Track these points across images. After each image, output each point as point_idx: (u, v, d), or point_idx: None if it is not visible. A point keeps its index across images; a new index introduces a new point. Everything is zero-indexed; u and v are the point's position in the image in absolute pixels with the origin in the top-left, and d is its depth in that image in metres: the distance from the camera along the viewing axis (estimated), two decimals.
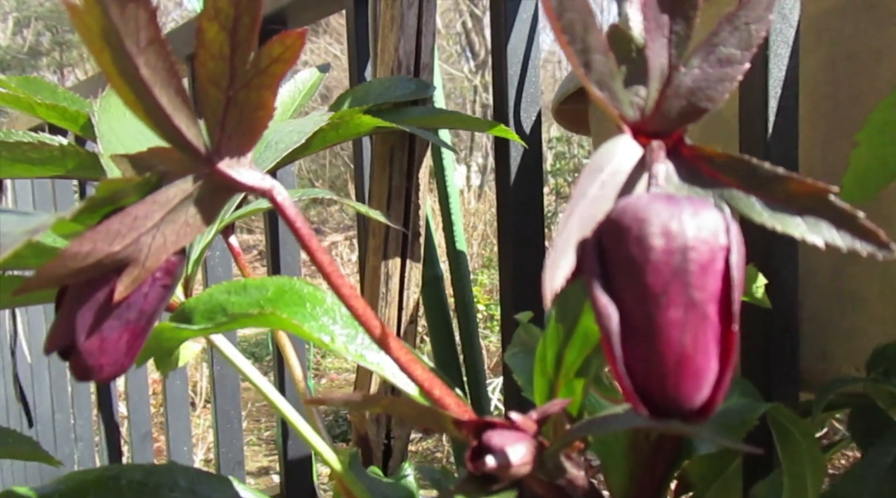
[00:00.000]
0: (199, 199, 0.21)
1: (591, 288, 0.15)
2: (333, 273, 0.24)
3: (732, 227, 0.15)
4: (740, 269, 0.15)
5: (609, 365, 0.15)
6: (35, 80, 0.43)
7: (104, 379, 0.21)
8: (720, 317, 0.15)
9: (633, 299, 0.15)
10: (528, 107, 0.51)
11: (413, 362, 0.24)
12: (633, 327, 0.15)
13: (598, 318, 0.15)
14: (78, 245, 0.19)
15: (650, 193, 0.16)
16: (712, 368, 0.15)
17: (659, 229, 0.15)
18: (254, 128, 0.22)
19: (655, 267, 0.15)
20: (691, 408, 0.15)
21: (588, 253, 0.16)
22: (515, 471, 0.20)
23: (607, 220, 0.16)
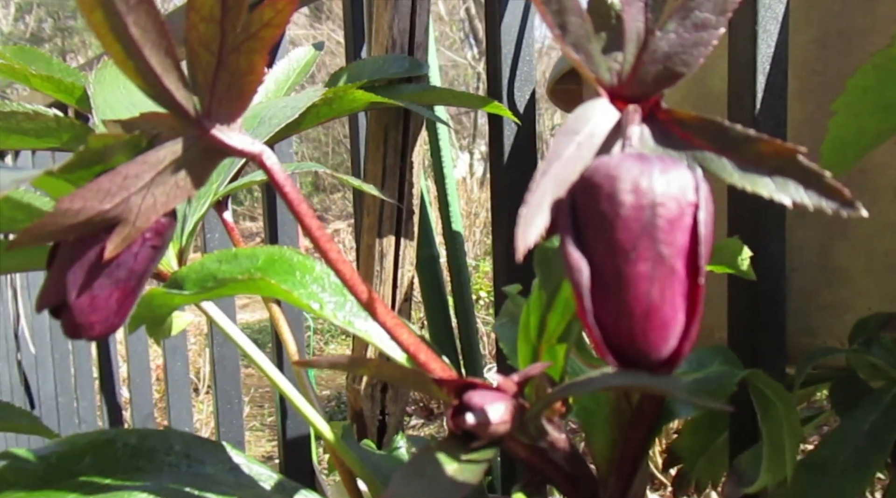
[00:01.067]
0: (188, 162, 0.22)
1: (564, 244, 0.16)
2: (322, 238, 0.24)
3: (702, 185, 0.16)
4: (708, 225, 0.15)
5: (579, 318, 0.15)
6: (30, 51, 0.43)
7: (95, 337, 0.22)
8: (687, 271, 0.15)
9: (603, 254, 0.15)
10: (522, 86, 0.52)
11: (399, 327, 0.25)
12: (603, 281, 0.15)
13: (570, 272, 0.16)
14: (69, 201, 0.19)
15: (622, 153, 0.16)
16: (679, 319, 0.15)
17: (629, 186, 0.15)
18: (243, 92, 0.22)
19: (625, 223, 0.15)
20: (658, 358, 0.15)
21: (562, 211, 0.16)
22: (494, 429, 0.21)
23: (581, 178, 0.16)
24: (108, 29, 0.18)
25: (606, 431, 0.29)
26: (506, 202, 0.52)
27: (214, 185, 0.37)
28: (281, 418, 0.78)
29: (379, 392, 0.53)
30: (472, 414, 0.21)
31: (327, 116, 0.45)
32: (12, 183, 0.17)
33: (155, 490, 0.28)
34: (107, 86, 0.39)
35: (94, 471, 0.29)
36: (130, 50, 0.19)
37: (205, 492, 0.29)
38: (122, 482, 0.28)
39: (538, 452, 0.26)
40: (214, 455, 0.31)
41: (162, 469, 0.30)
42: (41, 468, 0.28)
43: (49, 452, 0.29)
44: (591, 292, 0.15)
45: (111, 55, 0.19)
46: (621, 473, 0.28)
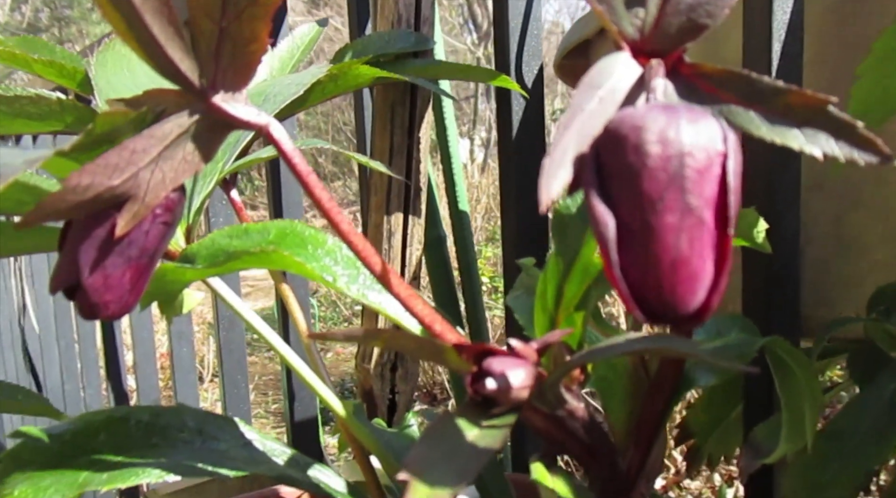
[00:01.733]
0: (195, 135, 0.21)
1: (589, 198, 0.15)
2: (332, 210, 0.24)
3: (730, 135, 0.15)
4: (737, 175, 0.15)
5: (606, 273, 0.15)
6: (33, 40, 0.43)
7: (110, 316, 0.21)
8: (716, 222, 0.15)
9: (630, 207, 0.15)
10: (529, 60, 0.51)
11: (413, 297, 0.25)
12: (629, 234, 0.15)
13: (596, 226, 0.15)
14: (77, 178, 0.19)
15: (649, 104, 0.16)
16: (708, 271, 0.15)
17: (656, 136, 0.15)
18: (248, 62, 0.21)
19: (652, 173, 0.15)
20: (686, 311, 0.15)
21: (586, 164, 0.16)
22: (515, 394, 0.21)
23: (605, 131, 0.16)
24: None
25: (624, 401, 0.28)
26: (514, 179, 0.51)
27: (220, 163, 0.36)
28: (289, 401, 0.78)
29: (389, 371, 0.53)
30: (492, 379, 0.20)
31: (332, 93, 0.44)
32: (25, 164, 0.17)
33: (169, 466, 0.28)
34: (109, 68, 0.39)
35: (109, 448, 0.29)
36: (132, 20, 0.18)
37: (219, 467, 0.29)
38: (136, 459, 0.28)
39: (556, 421, 0.25)
40: (228, 431, 0.31)
41: (176, 445, 0.29)
42: (55, 446, 0.28)
43: (63, 430, 0.28)
44: (617, 246, 0.15)
45: (113, 26, 0.19)
46: (640, 442, 0.27)
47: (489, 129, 6.81)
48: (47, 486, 0.24)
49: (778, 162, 0.36)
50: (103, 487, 0.25)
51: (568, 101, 4.75)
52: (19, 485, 0.25)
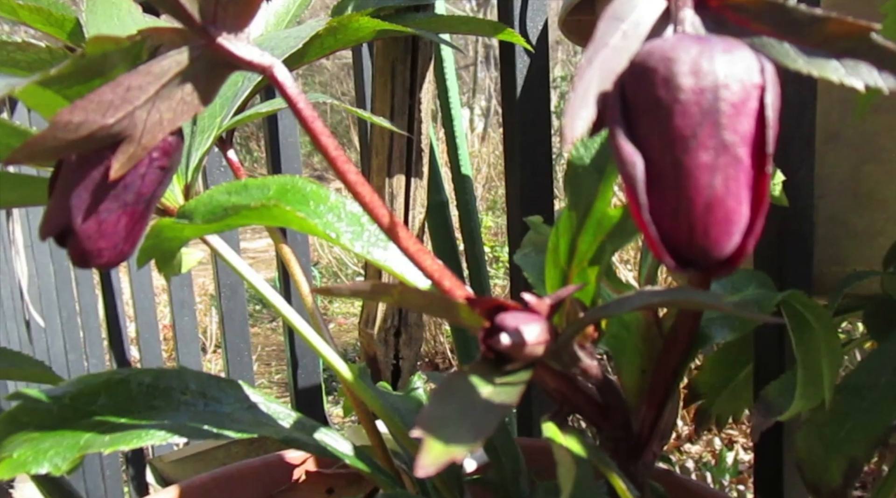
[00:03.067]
0: (195, 74, 0.20)
1: (615, 136, 0.14)
2: (339, 158, 0.23)
3: (767, 65, 0.14)
4: (775, 109, 0.14)
5: (633, 216, 0.14)
6: None
7: (104, 264, 0.20)
8: (753, 160, 0.14)
9: (659, 145, 0.14)
10: (533, 15, 0.49)
11: (422, 252, 0.24)
12: (659, 174, 0.14)
13: (622, 167, 0.14)
14: (69, 114, 0.18)
15: (678, 35, 0.15)
16: (743, 213, 0.14)
17: (688, 68, 0.14)
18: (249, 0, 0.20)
19: (684, 108, 0.14)
20: (720, 256, 0.14)
21: (610, 102, 0.15)
22: (530, 350, 0.20)
23: (631, 64, 0.15)
24: None
25: (637, 359, 0.28)
26: (518, 138, 0.50)
27: (218, 118, 0.35)
28: (292, 369, 0.78)
29: (392, 336, 0.52)
30: (506, 334, 0.19)
31: (332, 48, 0.42)
32: (5, 87, 0.16)
33: (172, 428, 0.27)
34: (99, 15, 0.37)
35: (109, 410, 0.28)
36: None
37: (223, 429, 0.28)
38: (138, 421, 0.28)
39: (569, 380, 0.25)
40: (232, 394, 0.30)
41: (179, 408, 0.29)
42: (54, 408, 0.27)
43: (62, 392, 0.28)
44: (645, 187, 0.14)
45: None
46: (652, 401, 0.27)
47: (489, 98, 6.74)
48: (47, 448, 0.24)
49: (792, 113, 0.35)
50: (106, 449, 0.25)
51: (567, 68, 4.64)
52: (18, 448, 0.24)
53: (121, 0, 0.36)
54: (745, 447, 1.42)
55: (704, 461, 1.45)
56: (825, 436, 0.27)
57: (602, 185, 0.23)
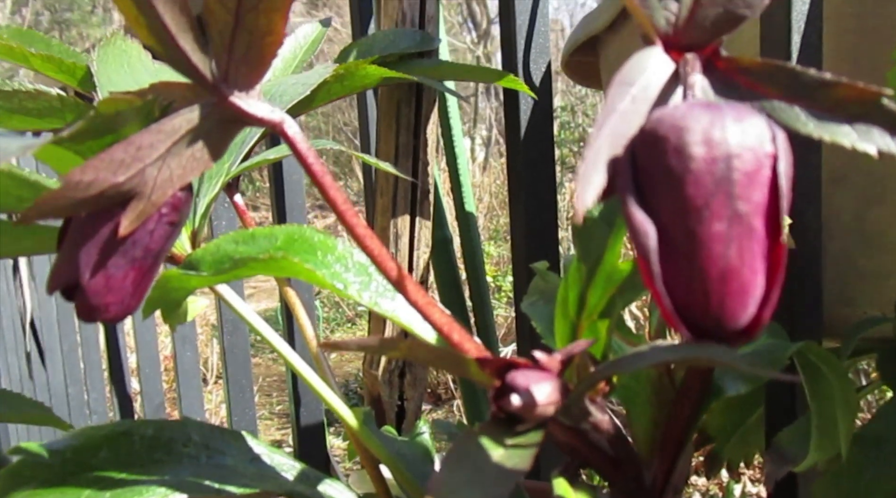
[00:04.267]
0: (206, 131, 0.20)
1: (626, 204, 0.14)
2: (347, 212, 0.23)
3: (779, 134, 0.14)
4: (788, 178, 0.14)
5: (647, 286, 0.14)
6: (28, 33, 0.42)
7: (110, 319, 0.20)
8: (767, 230, 0.14)
9: (672, 214, 0.14)
10: (537, 58, 0.50)
11: (431, 305, 0.24)
12: (672, 244, 0.14)
13: (635, 236, 0.14)
14: (80, 173, 0.18)
15: (688, 103, 0.15)
16: (759, 284, 0.14)
17: (700, 137, 0.14)
18: (263, 56, 0.20)
19: (696, 177, 0.14)
20: (736, 326, 0.14)
21: (621, 169, 0.15)
22: (541, 411, 0.20)
23: (641, 132, 0.15)
24: None
25: (648, 411, 0.27)
26: (523, 179, 0.50)
27: (226, 165, 0.35)
28: (294, 406, 0.77)
29: (397, 377, 0.52)
30: (517, 395, 0.19)
31: (339, 93, 0.43)
32: (20, 149, 0.16)
33: (174, 483, 0.27)
34: (110, 64, 0.38)
35: (111, 464, 0.28)
36: (144, 7, 0.17)
37: (226, 484, 0.28)
38: (139, 476, 0.27)
39: (580, 434, 0.24)
40: (234, 445, 0.30)
41: (181, 461, 0.28)
42: (56, 463, 0.27)
43: (64, 445, 0.27)
44: (659, 256, 0.14)
45: (124, 13, 0.18)
46: (665, 454, 0.26)
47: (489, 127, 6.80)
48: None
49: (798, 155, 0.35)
50: None
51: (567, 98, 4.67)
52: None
53: (131, 48, 0.36)
54: (753, 480, 1.40)
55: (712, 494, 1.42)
56: (843, 489, 0.26)
57: (612, 238, 0.23)
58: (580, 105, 4.97)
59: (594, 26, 0.51)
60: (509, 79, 0.46)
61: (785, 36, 0.34)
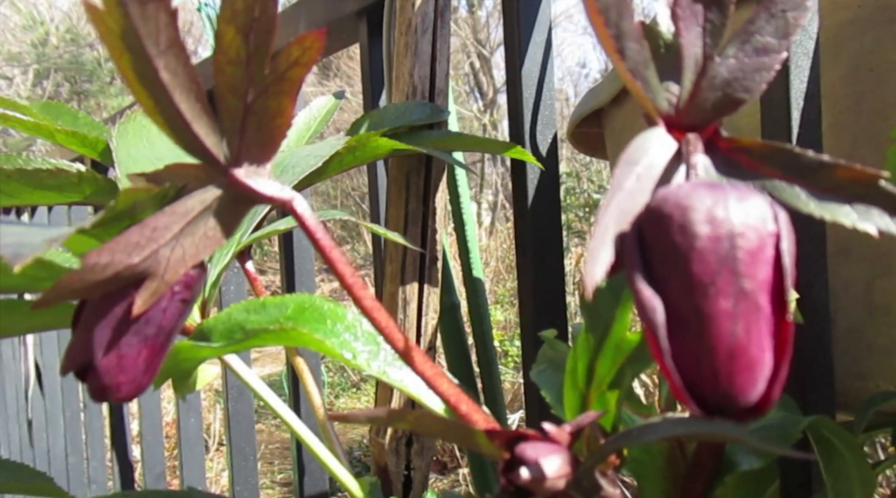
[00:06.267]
0: (218, 211, 0.21)
1: (634, 281, 0.15)
2: (355, 285, 0.23)
3: (780, 213, 0.14)
4: (791, 255, 0.14)
5: (656, 361, 0.14)
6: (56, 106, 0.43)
7: (122, 398, 0.20)
8: (773, 307, 0.14)
9: (678, 291, 0.14)
10: (543, 129, 0.51)
11: (439, 376, 0.24)
12: (680, 320, 0.14)
13: (642, 311, 0.14)
14: (97, 256, 0.18)
15: (692, 182, 0.15)
16: (767, 361, 0.14)
17: (703, 216, 0.14)
18: (273, 136, 0.21)
19: (701, 255, 0.14)
20: (746, 403, 0.14)
21: (628, 245, 0.15)
22: (551, 484, 0.19)
23: (647, 210, 0.15)
24: (137, 74, 0.18)
25: (660, 484, 0.27)
26: (530, 245, 0.51)
27: (237, 235, 0.36)
28: (298, 476, 0.76)
29: (404, 446, 0.51)
30: (526, 468, 0.19)
31: (350, 164, 0.44)
32: (44, 243, 0.16)
33: None
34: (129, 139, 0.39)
35: None
36: (160, 96, 0.18)
37: None
38: None
39: None
40: None
41: None
42: None
43: None
44: (667, 331, 0.14)
45: (140, 102, 0.19)
46: None
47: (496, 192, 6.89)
48: None
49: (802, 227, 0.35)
50: None
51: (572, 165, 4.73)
52: None
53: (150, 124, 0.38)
54: None
55: None
56: None
57: (619, 309, 0.23)
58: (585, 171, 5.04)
59: (598, 100, 0.53)
60: (517, 150, 0.47)
61: (785, 113, 0.35)
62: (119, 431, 1.20)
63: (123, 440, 1.20)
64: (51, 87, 9.79)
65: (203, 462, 1.03)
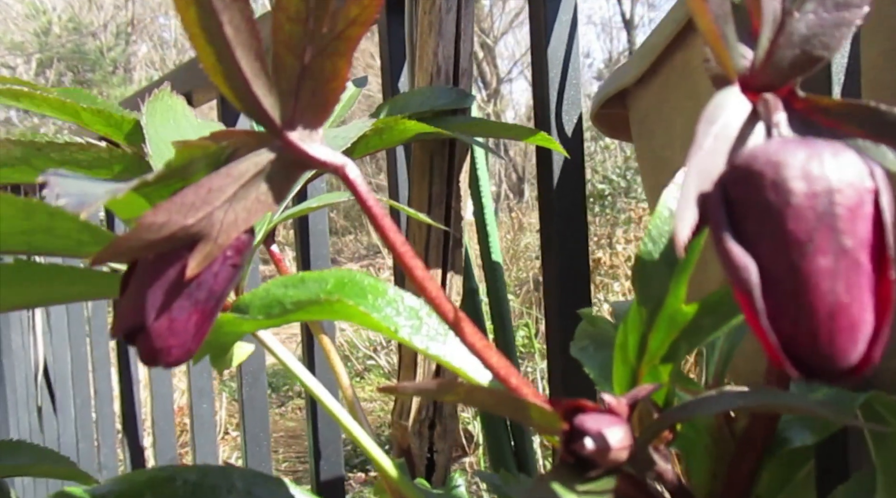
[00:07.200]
0: (270, 175, 0.20)
1: (722, 240, 0.14)
2: (406, 254, 0.22)
3: (877, 169, 0.14)
4: (892, 211, 0.14)
5: (748, 323, 0.14)
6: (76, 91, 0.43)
7: (172, 363, 0.20)
8: (874, 265, 0.13)
9: (772, 249, 0.14)
10: (569, 109, 0.50)
11: (489, 349, 0.23)
12: (774, 280, 0.14)
13: (734, 271, 0.14)
14: (153, 215, 0.18)
15: (781, 138, 0.15)
16: (868, 320, 0.13)
17: (798, 172, 0.14)
18: (327, 100, 0.21)
19: (798, 213, 0.13)
20: (846, 365, 0.13)
21: (712, 205, 0.15)
22: (615, 455, 0.19)
23: (733, 168, 0.15)
24: (202, 28, 0.17)
25: (707, 462, 0.26)
26: (555, 229, 0.50)
27: (269, 214, 0.35)
28: (314, 461, 0.75)
29: (427, 428, 0.51)
30: (591, 439, 0.19)
31: (377, 147, 0.44)
32: (107, 193, 0.16)
33: None
34: (157, 118, 0.38)
35: None
36: (222, 52, 0.18)
37: None
38: None
39: (639, 484, 0.23)
40: (277, 493, 0.29)
41: None
42: None
43: (106, 490, 0.27)
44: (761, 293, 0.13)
45: (201, 59, 0.18)
46: None
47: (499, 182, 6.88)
48: None
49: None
50: None
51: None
52: None
53: (176, 103, 0.37)
54: None
55: None
56: None
57: (673, 280, 0.23)
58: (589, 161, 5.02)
59: (624, 80, 0.52)
60: (541, 136, 0.47)
61: (826, 89, 0.34)
62: (130, 416, 1.20)
63: (135, 426, 1.20)
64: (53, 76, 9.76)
65: (216, 448, 1.03)
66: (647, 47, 0.50)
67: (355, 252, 7.21)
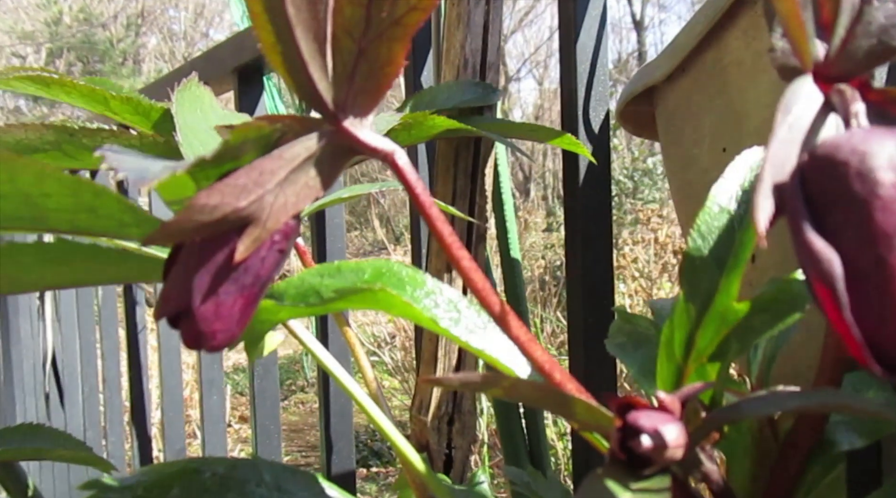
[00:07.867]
0: (320, 160, 0.20)
1: (802, 232, 0.14)
2: (454, 245, 0.22)
3: None
4: None
5: (829, 317, 0.13)
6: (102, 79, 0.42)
7: (216, 347, 0.20)
8: None
9: (856, 241, 0.13)
10: (596, 106, 0.50)
11: (533, 342, 0.23)
12: (857, 273, 0.13)
13: (814, 264, 0.13)
14: (206, 197, 0.17)
15: (863, 128, 0.14)
16: None
17: (886, 162, 0.13)
18: (380, 86, 0.20)
19: (885, 203, 0.13)
20: None
21: (790, 195, 0.14)
22: (671, 453, 0.19)
23: (813, 157, 0.14)
24: (265, 5, 0.17)
25: (746, 464, 0.26)
26: (580, 225, 0.50)
27: None
28: (326, 454, 0.75)
29: (446, 424, 0.50)
30: (647, 436, 0.18)
31: (405, 142, 0.43)
32: (166, 169, 0.16)
33: None
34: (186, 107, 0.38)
35: None
36: (283, 31, 0.17)
37: None
38: None
39: (682, 485, 0.23)
40: (307, 488, 0.29)
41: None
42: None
43: (135, 481, 0.26)
44: None
45: (260, 39, 0.18)
46: None
47: None
48: None
49: None
50: None
51: None
52: None
53: (203, 94, 0.37)
54: None
55: None
56: None
57: (724, 278, 0.22)
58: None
59: (652, 77, 0.52)
60: (567, 139, 0.46)
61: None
62: (139, 406, 1.20)
63: (143, 417, 1.20)
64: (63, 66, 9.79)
65: (225, 439, 1.03)
66: (676, 45, 0.50)
67: (360, 248, 7.22)
